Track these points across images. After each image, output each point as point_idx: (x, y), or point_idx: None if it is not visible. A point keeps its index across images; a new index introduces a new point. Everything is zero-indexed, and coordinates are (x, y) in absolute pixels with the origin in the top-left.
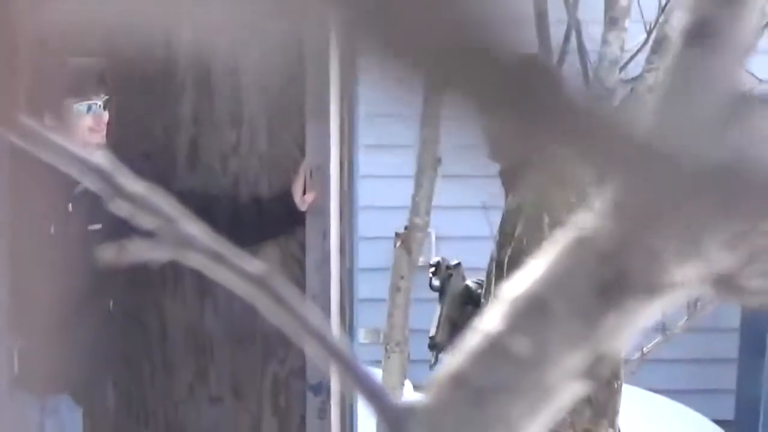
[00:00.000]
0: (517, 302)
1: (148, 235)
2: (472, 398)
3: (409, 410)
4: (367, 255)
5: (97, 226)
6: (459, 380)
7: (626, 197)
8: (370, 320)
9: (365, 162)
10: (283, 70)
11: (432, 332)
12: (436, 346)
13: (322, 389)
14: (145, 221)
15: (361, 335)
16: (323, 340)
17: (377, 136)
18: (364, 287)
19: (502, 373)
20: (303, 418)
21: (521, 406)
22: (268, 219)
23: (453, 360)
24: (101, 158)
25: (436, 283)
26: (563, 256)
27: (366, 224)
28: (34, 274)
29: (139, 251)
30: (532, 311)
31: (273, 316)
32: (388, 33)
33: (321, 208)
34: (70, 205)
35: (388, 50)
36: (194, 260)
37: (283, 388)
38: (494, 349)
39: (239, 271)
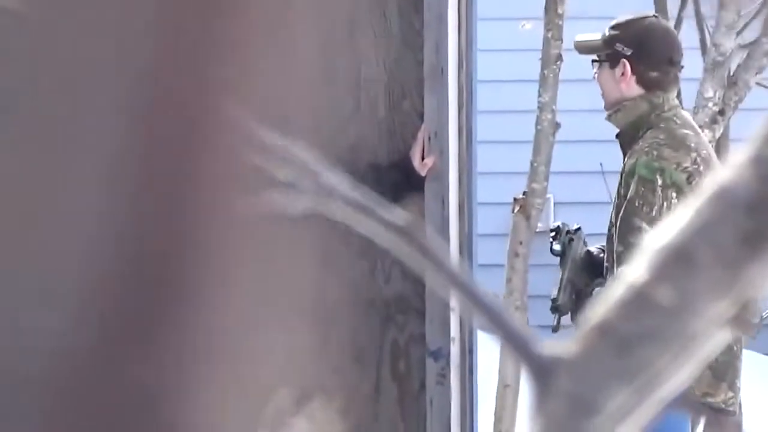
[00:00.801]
0: (662, 252)
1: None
2: (617, 347)
3: (555, 359)
4: (486, 220)
5: None
6: (604, 329)
7: None
8: (488, 286)
9: (483, 127)
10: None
11: (554, 295)
12: (558, 309)
13: (441, 355)
14: (285, 173)
15: None
16: (467, 290)
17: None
18: (483, 253)
19: (647, 322)
20: (423, 383)
21: (666, 355)
22: (386, 185)
23: (598, 310)
24: (244, 114)
25: (556, 247)
26: (707, 206)
27: (484, 190)
28: None
29: (280, 202)
30: (676, 261)
31: (416, 265)
32: None
33: (439, 174)
34: None
35: None
36: (336, 211)
37: (402, 354)
38: (639, 298)
39: (382, 220)
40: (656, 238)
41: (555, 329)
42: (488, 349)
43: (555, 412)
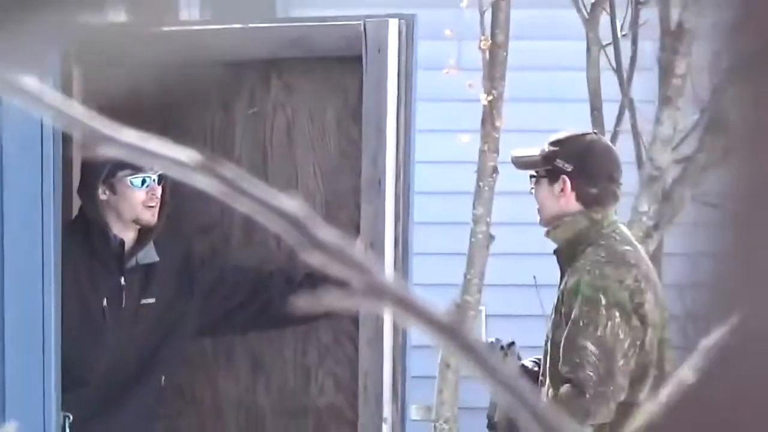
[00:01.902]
0: None
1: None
2: None
3: None
4: (418, 333)
5: (151, 300)
6: None
7: None
8: (422, 397)
9: (419, 238)
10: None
11: (489, 412)
12: (494, 427)
13: None
14: (338, 270)
15: (413, 412)
16: (517, 394)
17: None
18: (416, 364)
19: None
20: None
21: None
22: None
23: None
24: (296, 207)
25: None
26: None
27: None
28: (87, 346)
29: (332, 301)
30: None
31: (462, 362)
32: None
33: None
34: (123, 278)
35: None
36: (386, 308)
37: None
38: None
39: (429, 319)
40: None
41: None
42: None
43: None
